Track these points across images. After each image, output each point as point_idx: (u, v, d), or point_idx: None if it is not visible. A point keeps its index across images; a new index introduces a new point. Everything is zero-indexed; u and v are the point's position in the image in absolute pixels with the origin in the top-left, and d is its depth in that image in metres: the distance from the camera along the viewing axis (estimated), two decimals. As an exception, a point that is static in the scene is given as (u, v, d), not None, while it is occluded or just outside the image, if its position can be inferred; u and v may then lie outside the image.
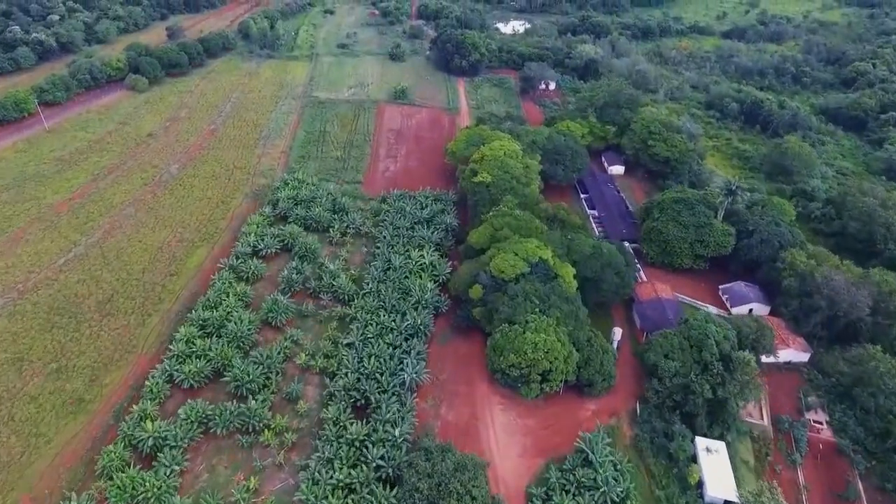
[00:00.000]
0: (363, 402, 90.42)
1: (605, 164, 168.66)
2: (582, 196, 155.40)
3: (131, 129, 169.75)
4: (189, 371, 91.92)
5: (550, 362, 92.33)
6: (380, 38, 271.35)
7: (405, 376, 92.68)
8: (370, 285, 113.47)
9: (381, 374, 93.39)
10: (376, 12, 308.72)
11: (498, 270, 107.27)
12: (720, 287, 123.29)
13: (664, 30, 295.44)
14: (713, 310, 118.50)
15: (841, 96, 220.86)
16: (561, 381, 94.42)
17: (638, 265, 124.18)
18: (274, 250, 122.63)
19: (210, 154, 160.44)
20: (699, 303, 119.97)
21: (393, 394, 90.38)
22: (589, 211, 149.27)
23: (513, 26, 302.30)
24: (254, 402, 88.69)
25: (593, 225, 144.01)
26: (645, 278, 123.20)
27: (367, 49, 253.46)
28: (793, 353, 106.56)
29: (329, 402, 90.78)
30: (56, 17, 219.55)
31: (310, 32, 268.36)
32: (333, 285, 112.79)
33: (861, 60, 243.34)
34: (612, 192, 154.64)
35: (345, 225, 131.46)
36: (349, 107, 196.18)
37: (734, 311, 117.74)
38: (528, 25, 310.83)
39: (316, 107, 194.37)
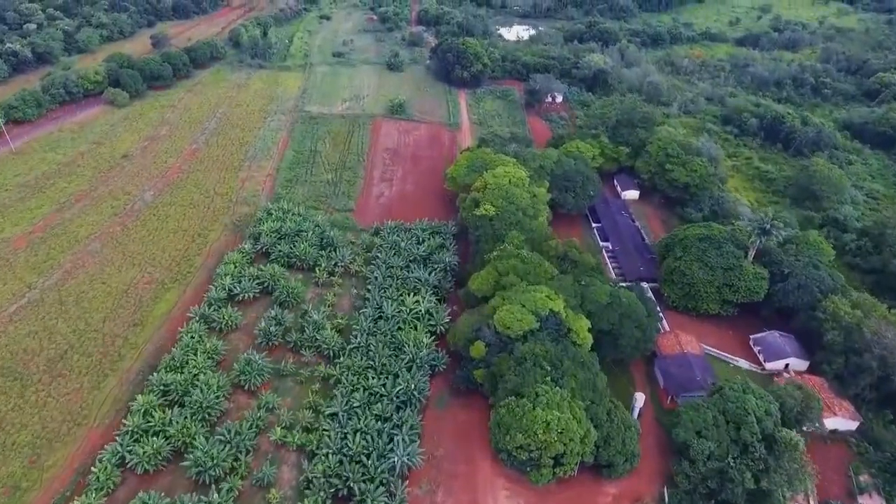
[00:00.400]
0: (346, 491, 77.00)
1: (619, 189, 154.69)
2: (594, 225, 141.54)
3: (106, 150, 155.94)
4: (144, 453, 78.40)
5: (565, 444, 78.53)
6: (377, 45, 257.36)
7: (395, 459, 79.10)
8: (358, 338, 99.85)
9: (368, 457, 79.65)
10: (374, 17, 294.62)
11: (503, 326, 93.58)
12: (752, 337, 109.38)
13: (675, 37, 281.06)
14: (744, 364, 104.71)
15: (866, 110, 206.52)
16: (576, 464, 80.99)
17: (660, 313, 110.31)
18: (252, 294, 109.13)
19: (189, 178, 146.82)
20: (728, 356, 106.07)
21: (380, 483, 76.71)
22: (602, 243, 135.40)
23: (517, 32, 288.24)
24: (217, 494, 75.16)
25: (607, 259, 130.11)
26: (667, 327, 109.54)
27: (363, 58, 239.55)
28: (840, 421, 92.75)
29: (306, 491, 77.33)
30: (33, 26, 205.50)
31: (304, 40, 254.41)
32: (317, 339, 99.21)
33: (885, 71, 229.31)
34: (627, 220, 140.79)
35: (333, 263, 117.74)
36: (343, 122, 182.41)
37: (768, 366, 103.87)
38: (532, 32, 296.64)
39: (307, 123, 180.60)
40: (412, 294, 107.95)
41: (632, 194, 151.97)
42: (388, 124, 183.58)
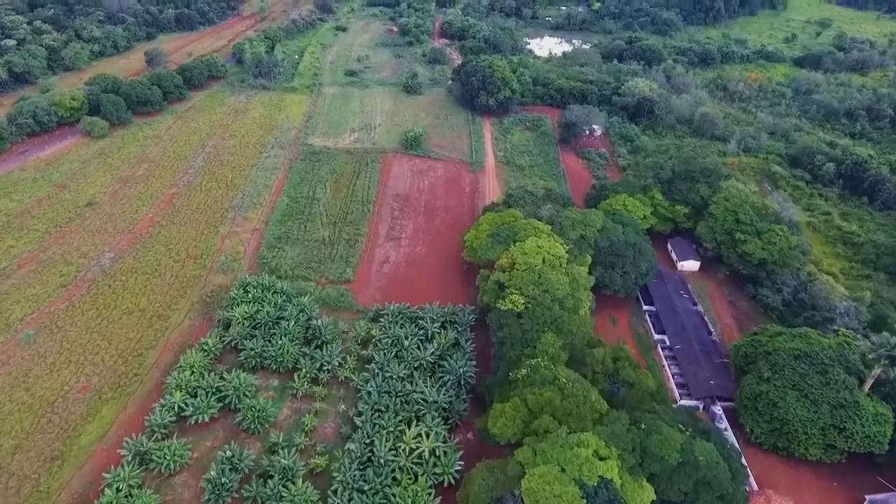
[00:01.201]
0: None
1: (674, 256, 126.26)
2: (645, 308, 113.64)
3: (69, 196, 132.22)
4: None
5: None
6: (395, 62, 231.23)
7: None
8: (339, 496, 74.23)
9: None
10: (394, 29, 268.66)
11: (533, 501, 67.21)
12: (868, 499, 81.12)
13: (726, 56, 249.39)
14: (861, 542, 76.73)
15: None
16: None
17: (744, 461, 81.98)
18: (209, 415, 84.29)
19: (161, 233, 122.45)
20: (839, 529, 78.22)
21: None
22: (656, 335, 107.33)
23: (548, 48, 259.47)
24: None
25: (664, 361, 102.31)
26: (754, 484, 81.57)
27: (378, 77, 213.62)
28: None
29: None
30: (12, 43, 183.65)
31: (316, 55, 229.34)
32: (283, 496, 73.83)
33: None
34: (688, 303, 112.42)
35: (317, 366, 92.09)
36: (349, 159, 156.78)
37: (895, 547, 75.94)
38: (566, 47, 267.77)
39: (308, 159, 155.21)
40: (414, 424, 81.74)
41: (690, 265, 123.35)
42: (401, 162, 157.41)
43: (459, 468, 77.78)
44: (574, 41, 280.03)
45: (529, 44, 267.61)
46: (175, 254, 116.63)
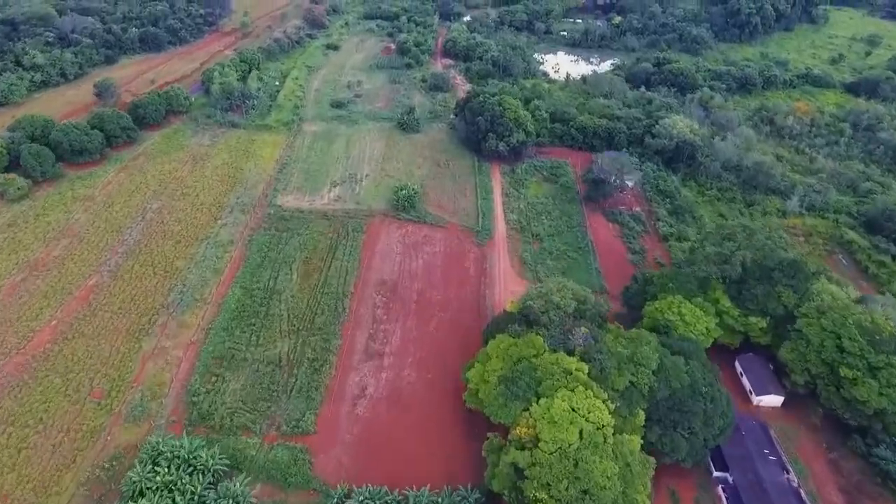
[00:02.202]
0: None
1: (747, 386, 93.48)
2: (716, 475, 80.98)
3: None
4: None
5: None
6: (391, 88, 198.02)
7: None
8: None
9: None
10: (392, 46, 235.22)
11: None
12: None
13: (768, 80, 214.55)
14: None
15: None
16: None
17: None
18: None
19: (62, 354, 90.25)
20: None
21: None
22: (736, 529, 75.50)
23: (565, 69, 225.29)
24: None
25: (754, 581, 70.26)
26: None
27: (371, 110, 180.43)
28: None
29: None
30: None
31: (300, 81, 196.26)
32: None
33: None
34: (776, 472, 79.38)
35: None
36: (325, 227, 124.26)
37: None
38: (583, 67, 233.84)
39: (275, 227, 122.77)
40: None
41: (771, 401, 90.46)
42: (390, 230, 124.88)
43: None
44: (592, 59, 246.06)
45: (543, 62, 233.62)
46: (74, 388, 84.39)
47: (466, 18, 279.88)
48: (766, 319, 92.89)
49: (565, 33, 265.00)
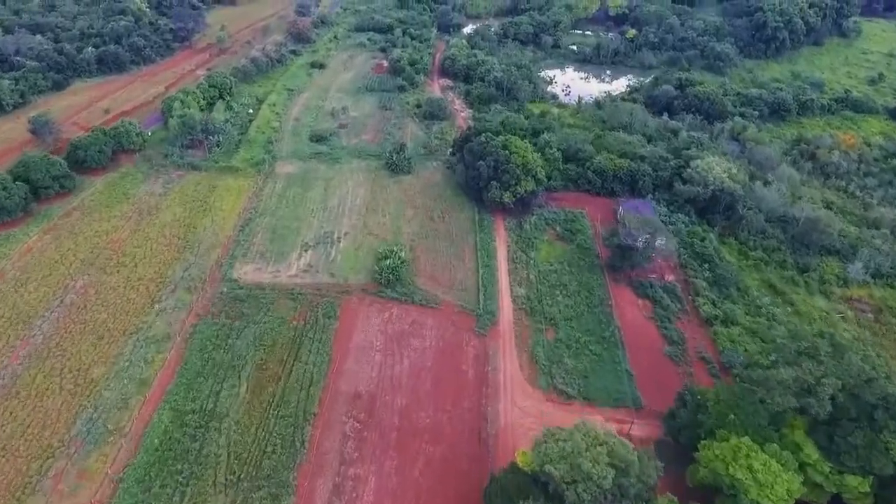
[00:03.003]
0: None
1: (844, 573, 69.12)
2: None
3: None
4: None
5: None
6: (381, 116, 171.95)
7: None
8: None
9: None
10: (384, 64, 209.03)
11: None
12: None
13: (804, 105, 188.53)
14: None
15: None
16: None
17: None
18: None
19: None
20: None
21: None
22: None
23: (576, 91, 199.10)
24: None
25: None
26: None
27: (356, 145, 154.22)
28: None
29: None
30: None
31: (277, 108, 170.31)
32: None
33: None
34: None
35: None
36: (289, 310, 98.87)
37: None
38: (595, 85, 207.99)
39: (226, 312, 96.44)
40: None
41: None
42: (369, 314, 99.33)
43: None
44: (604, 76, 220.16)
45: (552, 82, 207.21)
46: None
47: (467, 30, 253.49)
48: (869, 479, 67.84)
49: (575, 47, 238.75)
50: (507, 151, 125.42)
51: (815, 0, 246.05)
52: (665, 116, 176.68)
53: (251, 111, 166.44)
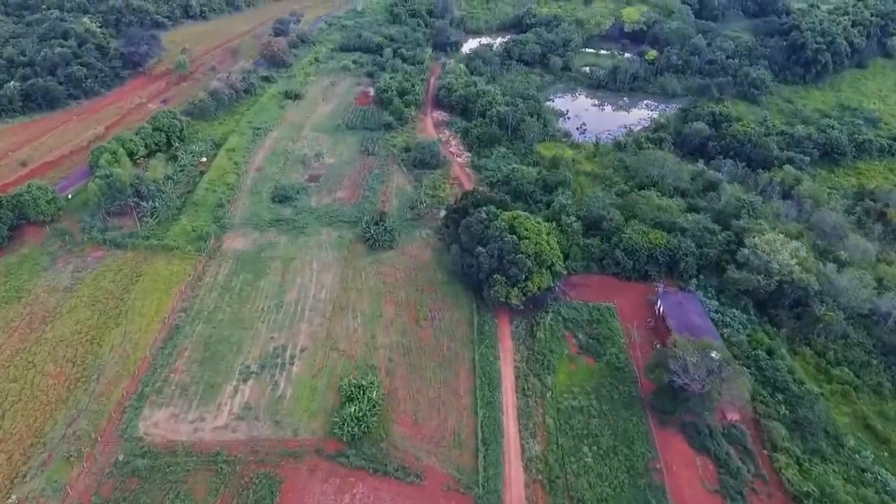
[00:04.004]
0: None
1: None
2: None
3: None
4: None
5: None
6: (361, 164, 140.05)
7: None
8: None
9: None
10: (370, 92, 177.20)
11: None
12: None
13: (860, 146, 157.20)
14: None
15: None
16: None
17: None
18: None
19: None
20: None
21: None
22: None
23: (592, 132, 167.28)
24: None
25: None
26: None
27: (328, 206, 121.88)
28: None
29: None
30: None
31: (236, 155, 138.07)
32: None
33: None
34: None
35: None
36: (208, 491, 68.53)
37: None
38: (611, 115, 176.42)
39: (115, 499, 67.81)
40: None
41: None
42: (323, 498, 69.38)
43: None
44: (622, 105, 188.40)
45: (565, 115, 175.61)
46: None
47: (466, 49, 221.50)
48: None
49: (587, 70, 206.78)
50: (514, 236, 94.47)
51: (858, 17, 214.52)
52: (700, 163, 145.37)
53: (204, 160, 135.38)
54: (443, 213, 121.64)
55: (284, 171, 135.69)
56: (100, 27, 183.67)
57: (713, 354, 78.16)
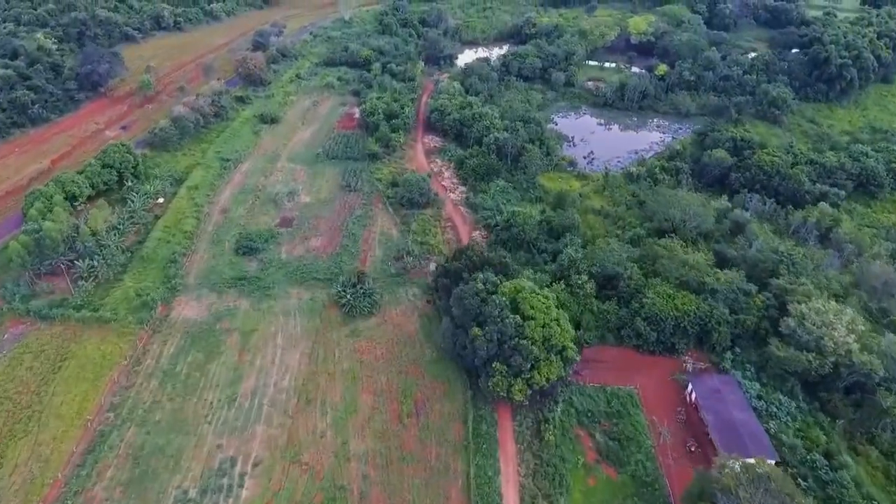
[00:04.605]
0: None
1: None
2: None
3: None
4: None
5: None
6: (342, 201, 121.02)
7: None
8: None
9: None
10: (355, 113, 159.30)
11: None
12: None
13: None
14: None
15: None
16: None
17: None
18: None
19: None
20: None
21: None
22: None
23: (600, 161, 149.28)
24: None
25: None
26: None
27: (299, 262, 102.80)
28: None
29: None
30: None
31: (199, 194, 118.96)
32: None
33: None
34: None
35: None
36: None
37: None
38: (623, 143, 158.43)
39: None
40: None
41: None
42: None
43: None
44: (631, 125, 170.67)
45: (570, 141, 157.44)
46: None
47: (461, 63, 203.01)
48: None
49: (591, 86, 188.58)
50: (517, 316, 76.65)
51: (883, 29, 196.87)
52: (724, 200, 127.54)
53: (161, 200, 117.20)
54: (432, 266, 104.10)
55: (253, 212, 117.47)
56: (57, 43, 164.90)
57: (773, 486, 60.59)
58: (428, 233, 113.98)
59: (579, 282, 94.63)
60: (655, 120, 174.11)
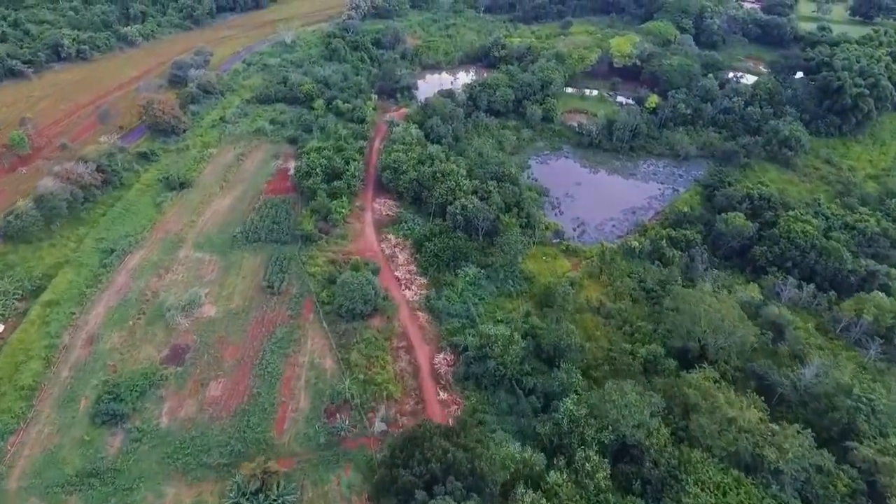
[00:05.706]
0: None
1: None
2: None
3: None
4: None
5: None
6: (261, 312, 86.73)
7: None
8: None
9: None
10: (290, 172, 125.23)
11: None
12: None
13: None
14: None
15: None
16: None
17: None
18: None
19: None
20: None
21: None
22: None
23: (590, 223, 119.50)
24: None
25: None
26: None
27: (184, 431, 68.52)
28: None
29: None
30: None
31: (59, 312, 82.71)
32: None
33: None
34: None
35: None
36: None
37: None
38: (618, 204, 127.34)
39: None
40: None
41: None
42: None
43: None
44: (621, 170, 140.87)
45: (557, 207, 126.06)
46: None
47: (420, 94, 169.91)
48: None
49: (576, 127, 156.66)
50: None
51: (895, 49, 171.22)
52: (755, 289, 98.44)
53: (1, 327, 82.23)
54: (378, 426, 72.17)
55: (133, 341, 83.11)
56: None
57: None
58: (374, 363, 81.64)
59: (587, 467, 63.87)
60: (650, 164, 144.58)
